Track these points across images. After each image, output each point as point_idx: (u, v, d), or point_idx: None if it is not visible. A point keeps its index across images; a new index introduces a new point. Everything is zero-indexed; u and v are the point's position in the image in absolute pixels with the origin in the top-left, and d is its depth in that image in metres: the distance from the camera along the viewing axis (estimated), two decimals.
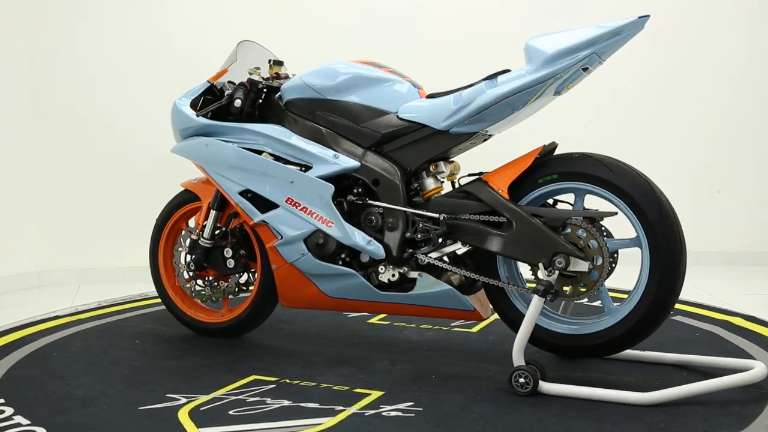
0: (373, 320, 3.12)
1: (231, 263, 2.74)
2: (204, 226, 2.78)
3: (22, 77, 4.02)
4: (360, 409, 2.10)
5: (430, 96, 2.51)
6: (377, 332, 2.94)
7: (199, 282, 2.85)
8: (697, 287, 3.70)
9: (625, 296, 2.43)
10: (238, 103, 2.61)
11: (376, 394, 2.23)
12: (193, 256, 2.79)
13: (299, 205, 2.53)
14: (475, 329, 2.97)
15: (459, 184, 2.54)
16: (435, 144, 2.45)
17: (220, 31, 4.04)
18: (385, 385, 2.31)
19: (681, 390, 2.09)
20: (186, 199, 2.91)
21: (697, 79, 4.33)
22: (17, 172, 4.02)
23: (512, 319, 2.43)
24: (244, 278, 2.85)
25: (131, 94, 4.14)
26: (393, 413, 2.07)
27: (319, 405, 2.15)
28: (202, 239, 2.77)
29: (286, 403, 2.16)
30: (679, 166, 4.33)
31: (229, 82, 2.78)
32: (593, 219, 2.30)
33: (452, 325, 3.00)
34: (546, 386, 2.18)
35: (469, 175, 2.51)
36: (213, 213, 2.77)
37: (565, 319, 2.44)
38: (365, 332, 2.94)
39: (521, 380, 2.18)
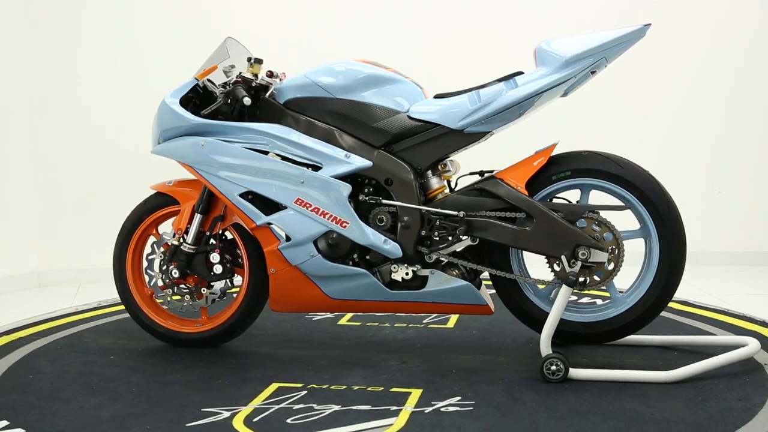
0: (342, 321, 3.10)
1: (218, 269, 2.65)
2: (186, 231, 2.66)
3: (23, 78, 4.02)
4: (415, 408, 2.12)
5: (438, 96, 2.56)
6: (358, 333, 2.94)
7: (177, 290, 2.70)
8: (698, 287, 3.70)
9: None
10: (247, 101, 2.49)
11: (416, 392, 2.25)
12: (176, 264, 2.65)
13: (310, 205, 2.48)
14: (450, 324, 3.02)
15: (455, 183, 2.62)
16: (448, 143, 2.50)
17: (220, 31, 4.03)
18: (416, 382, 2.33)
19: (697, 366, 2.31)
20: (161, 203, 2.75)
21: (696, 79, 4.34)
22: (17, 173, 4.01)
23: (526, 311, 2.55)
24: (220, 285, 2.74)
25: (132, 94, 4.14)
26: (451, 408, 2.11)
27: (371, 407, 2.13)
28: (185, 245, 2.65)
29: (336, 407, 2.13)
30: (679, 166, 4.34)
31: (208, 80, 2.68)
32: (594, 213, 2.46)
33: (424, 321, 3.07)
34: (574, 372, 2.31)
35: (471, 173, 2.59)
36: (198, 217, 2.66)
37: (575, 308, 2.57)
38: (346, 334, 2.93)
39: (553, 368, 2.30)
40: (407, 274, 2.50)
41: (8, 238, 3.99)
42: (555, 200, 2.53)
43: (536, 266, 2.70)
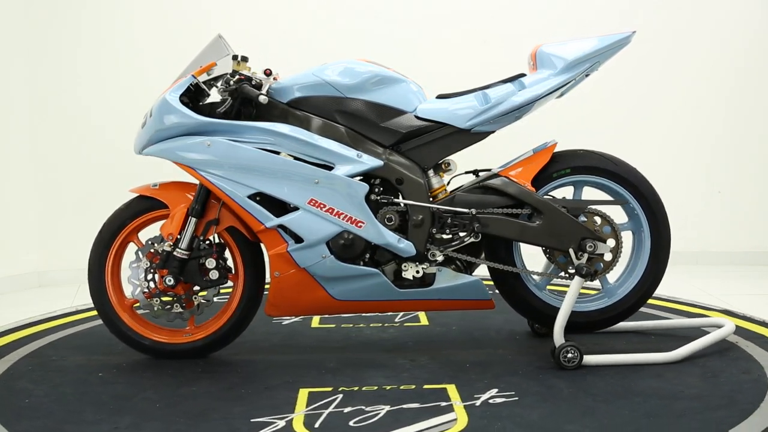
0: (315, 324, 3.10)
1: (214, 275, 2.58)
2: (179, 236, 2.56)
3: (23, 78, 4.03)
4: (464, 402, 2.20)
5: (441, 97, 2.63)
6: (342, 334, 2.96)
7: (165, 299, 2.60)
8: (698, 287, 3.71)
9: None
10: (263, 99, 2.43)
11: (450, 387, 2.33)
12: (168, 271, 2.55)
13: (324, 206, 2.47)
14: (425, 322, 3.11)
15: (448, 182, 2.69)
16: (454, 142, 2.58)
17: (220, 31, 4.03)
18: (442, 378, 2.41)
19: (692, 346, 2.56)
20: (145, 207, 2.64)
21: (696, 79, 4.36)
22: (17, 173, 4.02)
23: (531, 303, 2.68)
24: (212, 291, 2.65)
25: (132, 94, 4.13)
26: (498, 400, 2.22)
27: (420, 404, 2.19)
28: (178, 250, 2.56)
29: (387, 408, 2.17)
30: (679, 166, 4.35)
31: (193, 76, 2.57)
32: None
33: (398, 320, 3.14)
34: (587, 358, 2.49)
35: (466, 172, 2.70)
36: (192, 221, 2.56)
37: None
38: (330, 336, 2.94)
39: (569, 355, 2.46)
40: (417, 272, 2.55)
41: (8, 238, 3.99)
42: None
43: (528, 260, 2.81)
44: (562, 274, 2.64)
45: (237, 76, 2.53)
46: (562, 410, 2.13)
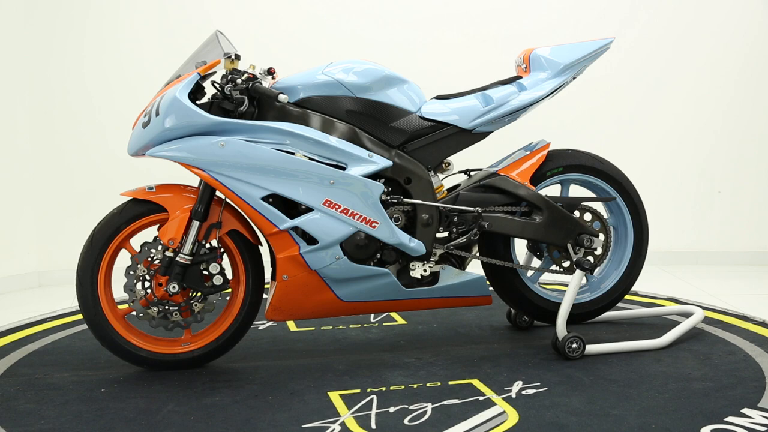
0: (293, 328, 3.07)
1: (219, 280, 2.50)
2: (182, 241, 2.48)
3: (23, 79, 4.03)
4: (501, 396, 2.26)
5: (440, 97, 2.69)
6: (329, 336, 2.96)
7: (164, 307, 2.51)
8: (698, 287, 3.70)
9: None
10: (283, 98, 2.36)
11: (476, 382, 2.40)
12: (169, 277, 2.46)
13: (339, 206, 2.44)
14: (402, 321, 3.16)
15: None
16: (456, 142, 2.64)
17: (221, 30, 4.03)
18: (461, 374, 2.46)
19: (674, 333, 2.76)
20: (142, 211, 2.51)
21: (697, 79, 4.37)
22: (17, 173, 4.02)
23: (528, 297, 2.76)
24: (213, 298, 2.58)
25: (133, 94, 4.13)
26: (531, 391, 2.30)
27: (459, 400, 2.23)
28: (180, 255, 2.47)
29: (430, 405, 2.20)
30: (679, 166, 4.34)
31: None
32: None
33: (376, 320, 3.18)
34: (588, 347, 2.64)
35: (460, 171, 2.78)
36: (195, 224, 2.48)
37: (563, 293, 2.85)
38: (318, 339, 2.93)
39: (574, 345, 2.58)
40: (425, 270, 2.59)
41: (8, 238, 4.00)
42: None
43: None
44: (554, 267, 2.74)
45: (245, 75, 2.47)
46: (596, 397, 2.23)
